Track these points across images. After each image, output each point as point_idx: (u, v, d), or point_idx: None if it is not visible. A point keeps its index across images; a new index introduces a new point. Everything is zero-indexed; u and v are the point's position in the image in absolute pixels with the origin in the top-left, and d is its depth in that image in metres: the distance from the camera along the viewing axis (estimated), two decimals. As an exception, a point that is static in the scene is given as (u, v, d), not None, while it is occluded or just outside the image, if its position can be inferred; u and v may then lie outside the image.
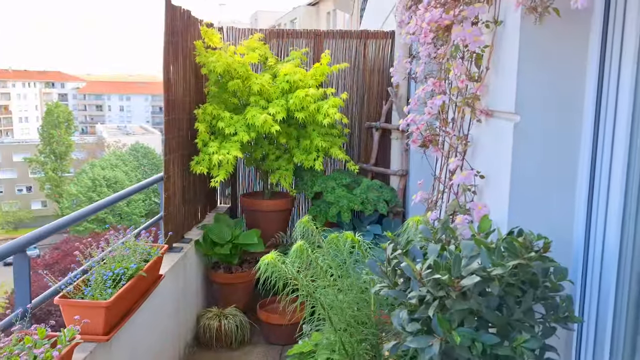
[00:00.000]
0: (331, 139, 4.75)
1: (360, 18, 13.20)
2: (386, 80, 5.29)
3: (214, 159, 4.07)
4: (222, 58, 4.32)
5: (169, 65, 3.87)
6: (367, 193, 4.67)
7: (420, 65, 3.47)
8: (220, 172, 4.17)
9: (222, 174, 4.15)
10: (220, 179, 4.15)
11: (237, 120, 4.39)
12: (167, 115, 3.87)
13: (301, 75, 4.51)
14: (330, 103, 4.40)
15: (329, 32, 5.26)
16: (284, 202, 4.93)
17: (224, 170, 4.19)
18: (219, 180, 4.15)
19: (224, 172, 4.17)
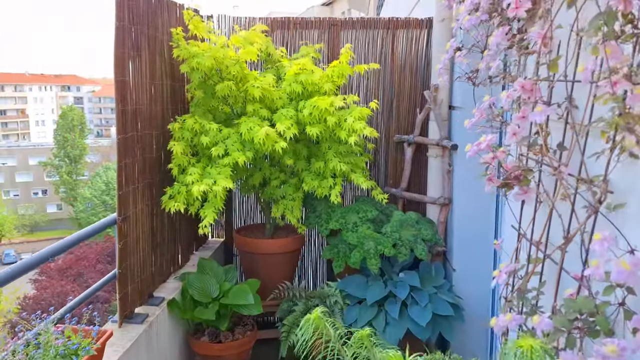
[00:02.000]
0: (352, 158, 3.60)
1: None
2: (421, 81, 4.13)
3: (194, 191, 2.94)
4: (209, 51, 3.20)
5: (124, 62, 2.75)
6: (400, 231, 3.51)
7: (486, 59, 2.36)
8: (207, 211, 3.04)
9: (210, 213, 3.03)
10: (209, 222, 3.02)
11: (228, 134, 3.27)
12: (122, 133, 2.75)
13: (317, 76, 3.37)
14: (356, 114, 3.25)
15: (348, 21, 4.12)
16: (291, 242, 3.79)
17: (212, 207, 3.06)
18: (207, 223, 3.02)
19: (212, 209, 3.04)
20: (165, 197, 3.13)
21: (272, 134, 3.10)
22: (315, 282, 4.45)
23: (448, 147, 3.78)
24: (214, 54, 3.19)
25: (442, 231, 3.89)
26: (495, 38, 2.04)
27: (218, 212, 3.09)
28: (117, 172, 2.71)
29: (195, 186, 2.93)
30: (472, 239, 3.82)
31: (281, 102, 3.43)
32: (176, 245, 3.62)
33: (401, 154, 4.21)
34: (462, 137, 3.75)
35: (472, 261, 3.84)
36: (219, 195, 3.00)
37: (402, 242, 3.46)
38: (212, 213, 3.02)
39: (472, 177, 3.86)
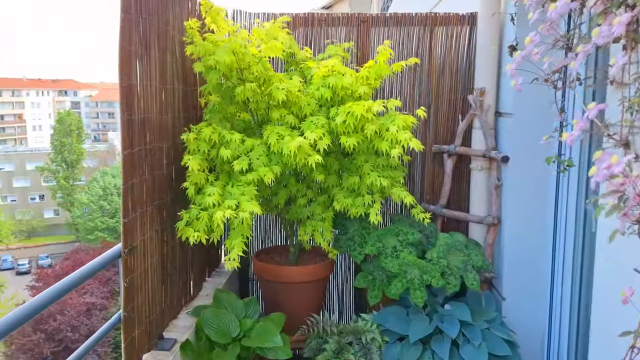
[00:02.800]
0: (390, 172, 3.13)
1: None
2: (462, 84, 3.66)
3: (217, 218, 2.46)
4: (228, 45, 2.72)
5: (130, 62, 2.28)
6: (447, 257, 3.04)
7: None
8: (234, 242, 2.56)
9: (238, 243, 2.55)
10: (238, 253, 2.54)
11: (252, 146, 2.80)
12: (129, 147, 2.27)
13: (351, 78, 2.91)
14: (399, 123, 2.78)
15: (380, 17, 3.66)
16: (320, 269, 3.31)
17: (239, 235, 2.58)
18: (235, 256, 2.54)
19: (240, 239, 2.57)
20: (182, 224, 2.65)
21: (306, 146, 2.62)
22: (342, 312, 3.97)
23: (497, 159, 3.32)
24: (233, 46, 2.70)
25: (489, 254, 3.42)
26: (617, 27, 1.56)
27: (245, 240, 2.61)
28: (122, 195, 2.23)
29: (218, 212, 2.45)
30: (524, 264, 3.35)
31: (310, 109, 2.96)
32: (188, 274, 3.14)
33: (440, 167, 3.74)
34: (513, 147, 3.29)
35: (524, 288, 3.37)
36: (246, 222, 2.52)
37: (451, 270, 2.99)
38: (240, 243, 2.54)
39: (526, 193, 3.40)
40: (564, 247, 3.23)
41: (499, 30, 3.41)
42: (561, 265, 3.25)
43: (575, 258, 3.18)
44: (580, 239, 3.15)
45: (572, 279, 3.19)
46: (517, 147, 3.28)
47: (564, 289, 3.24)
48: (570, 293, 3.21)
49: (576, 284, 3.19)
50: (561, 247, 3.25)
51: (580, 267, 3.16)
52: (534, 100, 3.22)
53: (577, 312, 3.19)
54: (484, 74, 3.45)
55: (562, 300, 3.26)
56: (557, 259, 3.27)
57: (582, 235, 3.14)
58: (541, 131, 3.31)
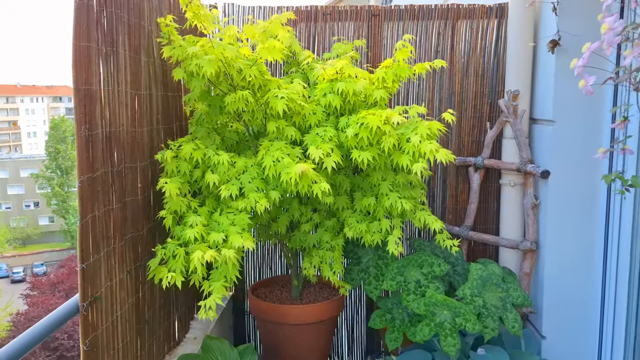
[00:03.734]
0: (410, 191, 2.64)
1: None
2: (489, 86, 3.17)
3: (194, 260, 1.96)
4: (214, 49, 2.23)
5: (89, 62, 1.78)
6: (482, 294, 2.54)
7: None
8: (214, 285, 2.05)
9: (219, 288, 2.04)
10: (216, 301, 2.04)
11: (244, 167, 2.30)
12: (87, 171, 1.77)
13: (365, 82, 2.42)
14: (423, 132, 2.28)
15: (393, 10, 3.16)
16: (328, 307, 2.80)
17: (221, 277, 2.08)
18: (213, 303, 2.03)
19: (222, 282, 2.06)
20: (155, 262, 2.14)
21: (310, 172, 2.12)
22: (352, 353, 3.44)
23: (535, 174, 2.82)
24: (220, 53, 2.21)
25: (526, 286, 2.92)
26: None
27: (231, 283, 2.10)
28: (79, 233, 1.73)
29: (197, 251, 1.94)
30: (568, 297, 2.86)
31: (315, 119, 2.46)
32: (172, 315, 2.63)
33: (464, 182, 3.24)
34: (553, 160, 2.80)
35: (567, 326, 2.88)
36: (231, 262, 2.02)
37: (487, 310, 2.49)
38: (221, 287, 2.03)
39: (570, 214, 2.90)
40: (615, 277, 2.74)
41: (533, 23, 2.93)
42: (613, 299, 2.76)
43: (631, 291, 2.69)
44: (637, 268, 2.66)
45: (627, 316, 2.70)
46: (559, 159, 2.79)
47: (616, 328, 2.75)
48: (625, 332, 2.71)
49: (631, 322, 2.70)
50: (612, 278, 2.76)
51: (636, 301, 2.66)
52: (580, 105, 2.73)
53: (632, 354, 2.69)
54: (517, 74, 2.96)
55: (613, 341, 2.77)
56: (608, 292, 2.78)
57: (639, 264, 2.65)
58: (589, 142, 2.83)
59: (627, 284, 2.68)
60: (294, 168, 2.14)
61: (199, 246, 2.01)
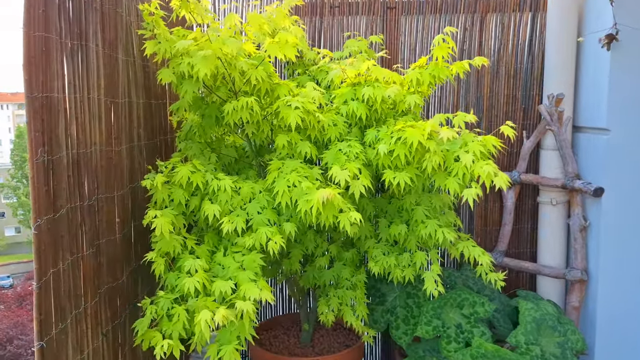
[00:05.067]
0: (447, 217, 2.19)
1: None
2: (523, 89, 2.75)
3: (202, 321, 1.47)
4: (212, 44, 1.74)
5: (47, 59, 1.28)
6: (540, 341, 2.10)
7: None
8: (225, 350, 1.57)
9: (230, 353, 1.56)
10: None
11: (251, 194, 1.83)
12: (48, 211, 1.27)
13: (397, 87, 1.97)
14: (476, 148, 1.84)
15: (412, 3, 2.72)
16: (346, 357, 2.33)
17: (233, 339, 1.60)
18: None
19: (234, 346, 1.58)
20: (142, 325, 1.64)
21: (336, 199, 1.66)
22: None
23: (585, 191, 2.41)
24: (218, 48, 1.74)
25: (575, 322, 2.50)
26: None
27: (245, 345, 1.62)
28: (35, 300, 1.23)
29: (204, 310, 1.46)
30: (626, 334, 2.46)
31: (335, 131, 2.00)
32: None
33: (495, 200, 2.81)
34: (606, 176, 2.39)
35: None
36: (248, 318, 1.54)
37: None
38: (233, 352, 1.55)
39: (628, 239, 2.49)
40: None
41: (577, 16, 2.52)
42: (677, 336, 2.36)
43: (701, 327, 2.30)
44: None
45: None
46: (614, 174, 2.38)
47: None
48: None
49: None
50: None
51: None
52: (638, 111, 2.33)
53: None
54: (559, 76, 2.56)
55: (679, 384, 2.37)
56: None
57: None
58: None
59: (699, 320, 2.30)
60: (316, 195, 1.67)
61: (203, 302, 1.53)
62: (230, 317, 1.48)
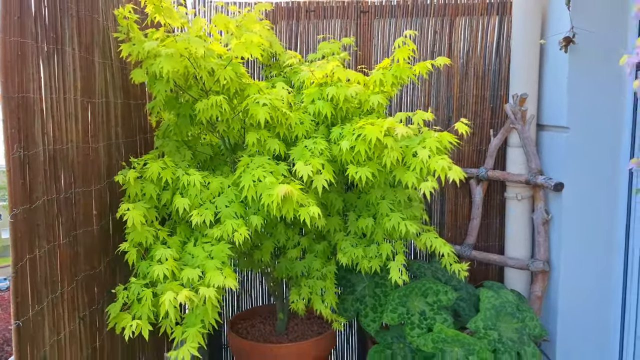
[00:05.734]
0: (412, 210, 2.31)
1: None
2: (491, 90, 2.88)
3: (165, 303, 1.59)
4: (177, 43, 1.86)
5: (23, 62, 1.40)
6: (497, 326, 2.22)
7: None
8: (189, 332, 1.69)
9: (193, 336, 1.68)
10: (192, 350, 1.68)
11: (220, 188, 1.95)
12: (24, 202, 1.39)
13: (359, 87, 2.09)
14: (432, 144, 1.96)
15: (384, 6, 2.84)
16: (319, 345, 2.45)
17: (197, 322, 1.72)
18: (186, 355, 1.67)
19: (197, 329, 1.70)
20: (116, 308, 1.76)
21: (296, 194, 1.78)
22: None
23: (547, 187, 2.54)
24: (184, 48, 1.85)
25: (537, 310, 2.62)
26: None
27: (209, 328, 1.74)
28: (12, 283, 1.35)
29: (169, 292, 1.58)
30: (585, 321, 2.58)
31: (302, 129, 2.12)
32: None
33: (464, 195, 2.93)
34: (567, 171, 2.52)
35: (584, 353, 2.60)
36: (210, 302, 1.66)
37: (503, 346, 2.17)
38: (196, 334, 1.68)
39: (586, 231, 2.62)
40: (637, 298, 2.47)
41: (540, 20, 2.65)
42: (634, 325, 2.49)
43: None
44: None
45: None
46: (574, 170, 2.51)
47: (637, 352, 2.47)
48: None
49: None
50: (634, 299, 2.48)
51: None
52: (598, 110, 2.46)
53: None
54: (523, 76, 2.68)
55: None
56: (629, 317, 2.50)
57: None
58: (607, 150, 2.56)
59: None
60: (276, 189, 1.79)
61: (170, 285, 1.65)
62: (194, 298, 1.60)
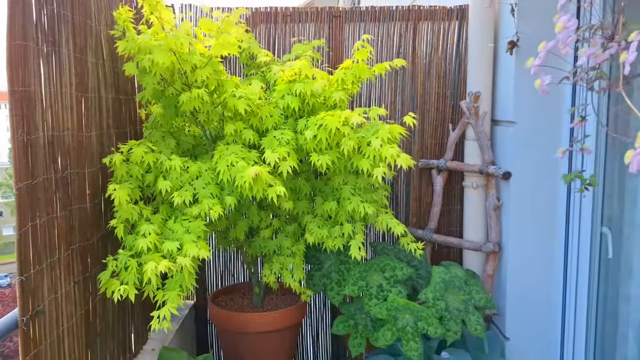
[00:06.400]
0: (372, 194, 2.60)
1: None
2: (451, 88, 3.16)
3: (148, 270, 1.88)
4: (167, 41, 2.15)
5: (25, 61, 1.68)
6: (445, 297, 2.51)
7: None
8: (169, 295, 1.98)
9: (174, 297, 1.98)
10: (172, 310, 1.97)
11: (198, 172, 2.23)
12: (25, 178, 1.67)
13: (323, 83, 2.37)
14: (384, 135, 2.24)
15: (354, 12, 3.13)
16: (291, 314, 2.74)
17: (176, 287, 2.01)
18: (167, 313, 1.96)
19: (177, 291, 1.99)
20: (106, 275, 2.05)
21: (264, 175, 2.06)
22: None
23: (496, 176, 2.82)
24: (171, 45, 2.14)
25: (489, 287, 2.91)
26: None
27: (187, 292, 2.03)
28: (17, 244, 1.63)
29: (151, 262, 1.87)
30: (530, 297, 2.86)
31: (272, 121, 2.40)
32: (127, 327, 2.53)
33: (428, 184, 3.22)
34: (515, 162, 2.79)
35: (530, 326, 2.88)
36: (187, 271, 1.94)
37: (450, 314, 2.46)
38: (176, 297, 1.96)
39: (531, 216, 2.90)
40: (576, 277, 2.75)
41: (493, 25, 2.93)
42: (574, 299, 2.77)
43: (591, 290, 2.70)
44: (596, 267, 2.67)
45: (587, 315, 2.71)
46: (520, 161, 2.79)
47: (577, 327, 2.76)
48: (586, 331, 2.72)
49: (592, 321, 2.71)
50: (573, 278, 2.77)
51: (596, 301, 2.68)
52: (540, 106, 2.74)
53: (593, 354, 2.71)
54: (478, 76, 2.96)
55: (575, 340, 2.78)
56: (569, 292, 2.79)
57: (598, 263, 2.67)
58: (549, 142, 2.82)
59: (587, 284, 2.69)
60: (248, 170, 2.07)
61: (152, 256, 1.93)
62: (172, 267, 1.88)
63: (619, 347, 2.54)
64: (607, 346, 2.63)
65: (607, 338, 2.63)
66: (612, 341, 2.59)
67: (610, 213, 2.61)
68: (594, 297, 2.68)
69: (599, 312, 2.67)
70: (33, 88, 1.72)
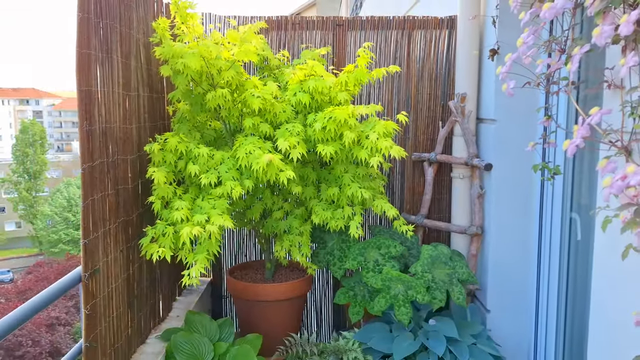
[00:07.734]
0: (370, 182, 2.98)
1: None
2: (442, 90, 3.55)
3: (184, 235, 2.28)
4: (198, 48, 2.54)
5: (89, 66, 2.07)
6: (432, 270, 2.90)
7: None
8: (198, 256, 2.38)
9: (202, 259, 2.37)
10: (200, 270, 2.36)
11: (221, 159, 2.62)
12: (89, 160, 2.06)
13: (329, 83, 2.76)
14: (379, 130, 2.64)
15: (356, 21, 3.51)
16: (298, 286, 3.13)
17: (204, 251, 2.40)
18: (197, 272, 2.36)
19: (205, 254, 2.38)
20: (146, 240, 2.45)
21: (276, 161, 2.45)
22: (321, 329, 3.79)
23: (479, 167, 3.20)
24: (202, 52, 2.53)
25: (473, 266, 3.29)
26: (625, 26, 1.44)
27: (212, 257, 2.42)
28: (82, 213, 2.02)
29: (186, 227, 2.26)
30: (508, 275, 3.24)
31: (285, 116, 2.79)
32: (157, 295, 2.92)
33: (420, 175, 3.61)
34: (496, 155, 3.18)
35: (508, 300, 3.26)
36: (214, 237, 2.34)
37: (436, 284, 2.85)
38: (204, 259, 2.36)
39: (509, 202, 3.30)
40: (549, 257, 3.13)
41: (479, 34, 3.31)
42: (546, 276, 3.15)
43: (562, 268, 3.08)
44: (566, 248, 3.05)
45: (557, 290, 3.09)
46: (501, 154, 3.17)
47: (549, 300, 3.14)
48: (557, 304, 3.11)
49: (562, 295, 3.09)
50: (546, 257, 3.15)
51: (566, 278, 3.06)
52: (517, 106, 3.12)
53: (563, 324, 3.09)
54: (465, 79, 3.34)
55: (547, 312, 3.16)
56: (542, 270, 3.17)
57: (568, 244, 3.05)
58: (525, 138, 3.23)
59: (558, 263, 3.08)
60: (263, 158, 2.46)
61: (185, 225, 2.32)
62: (203, 233, 2.28)
63: (585, 319, 2.93)
64: (576, 318, 3.01)
65: (576, 311, 3.02)
66: (580, 313, 2.98)
67: (579, 200, 3.00)
68: (564, 275, 3.07)
69: (569, 288, 3.05)
70: (93, 88, 2.11)
